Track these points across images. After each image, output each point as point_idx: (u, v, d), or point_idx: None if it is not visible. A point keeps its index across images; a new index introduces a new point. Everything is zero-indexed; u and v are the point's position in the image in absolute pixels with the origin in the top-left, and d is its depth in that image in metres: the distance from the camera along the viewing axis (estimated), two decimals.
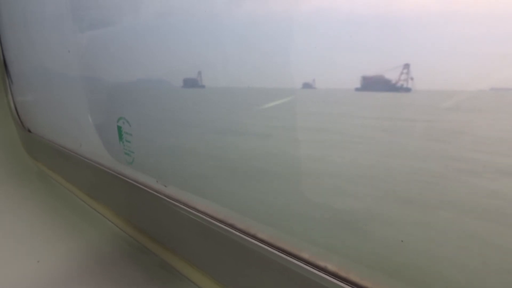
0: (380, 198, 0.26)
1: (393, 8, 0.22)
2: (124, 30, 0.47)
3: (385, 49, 0.23)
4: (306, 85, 0.28)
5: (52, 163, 0.92)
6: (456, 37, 0.20)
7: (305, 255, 0.32)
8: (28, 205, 0.83)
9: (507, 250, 0.21)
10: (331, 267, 0.30)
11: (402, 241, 0.25)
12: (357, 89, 0.25)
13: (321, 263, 0.30)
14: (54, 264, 0.57)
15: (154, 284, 0.51)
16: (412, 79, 0.22)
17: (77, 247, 0.62)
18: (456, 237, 0.23)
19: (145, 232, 0.57)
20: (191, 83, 0.37)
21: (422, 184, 0.23)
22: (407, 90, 0.23)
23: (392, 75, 0.23)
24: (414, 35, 0.22)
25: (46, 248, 0.62)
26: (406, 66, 0.22)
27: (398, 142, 0.24)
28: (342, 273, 0.29)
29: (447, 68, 0.21)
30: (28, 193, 0.90)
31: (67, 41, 0.61)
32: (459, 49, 0.20)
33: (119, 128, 0.52)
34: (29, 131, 0.98)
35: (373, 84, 0.24)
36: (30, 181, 0.98)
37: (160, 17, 0.41)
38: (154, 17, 0.42)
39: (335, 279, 0.29)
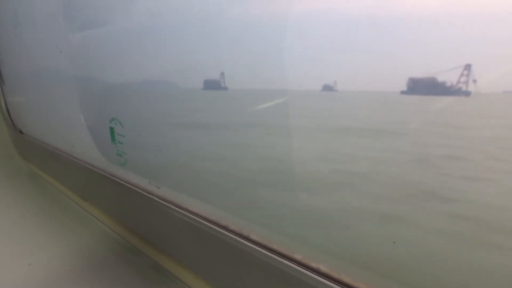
0: None
1: (445, 6, 0.21)
2: (118, 31, 0.47)
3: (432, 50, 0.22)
4: (327, 87, 0.27)
5: (44, 165, 0.91)
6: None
7: (298, 256, 0.32)
8: (19, 206, 0.82)
9: None
10: (323, 268, 0.30)
11: None
12: (403, 92, 0.23)
13: (314, 265, 0.30)
14: (46, 267, 0.56)
15: (146, 286, 0.50)
16: (474, 81, 0.20)
17: (69, 249, 0.61)
18: None
19: (137, 233, 0.57)
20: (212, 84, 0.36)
21: None
22: (467, 93, 0.21)
23: (447, 77, 0.21)
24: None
25: (37, 251, 0.61)
26: (468, 67, 0.20)
27: None
28: (335, 275, 0.29)
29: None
30: (20, 194, 0.89)
31: (59, 41, 0.61)
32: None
33: (112, 129, 0.52)
34: (21, 132, 0.97)
35: (424, 87, 0.22)
36: (21, 182, 0.97)
37: (156, 17, 0.40)
38: (148, 18, 0.41)
39: (328, 280, 0.29)
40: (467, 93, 0.21)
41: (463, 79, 0.20)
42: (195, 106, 0.39)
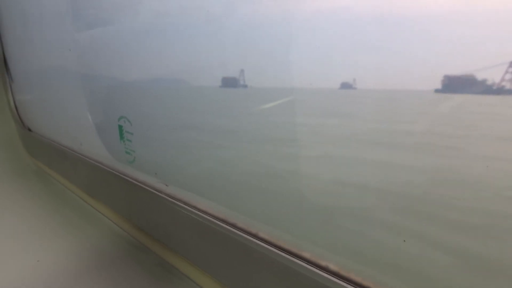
0: None
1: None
2: (126, 29, 0.47)
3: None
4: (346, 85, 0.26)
5: (52, 162, 0.91)
6: None
7: (306, 254, 0.32)
8: (27, 204, 0.83)
9: None
10: (332, 266, 0.30)
11: None
12: (437, 91, 0.22)
13: (322, 263, 0.30)
14: (54, 264, 0.57)
15: (154, 283, 0.50)
16: None
17: (77, 246, 0.62)
18: None
19: (145, 231, 0.57)
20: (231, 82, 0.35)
21: None
22: (511, 92, 0.19)
23: (487, 75, 0.19)
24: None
25: (45, 248, 0.62)
26: None
27: None
28: (343, 273, 0.29)
29: None
30: (28, 192, 0.90)
31: (68, 40, 0.61)
32: None
33: (120, 127, 0.52)
34: (29, 129, 0.98)
35: (461, 85, 0.21)
36: (29, 180, 0.98)
37: (165, 16, 0.41)
38: (154, 17, 0.42)
39: (337, 278, 0.29)
40: (510, 92, 0.19)
41: (507, 76, 0.19)
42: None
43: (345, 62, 0.26)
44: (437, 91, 0.21)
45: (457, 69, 0.21)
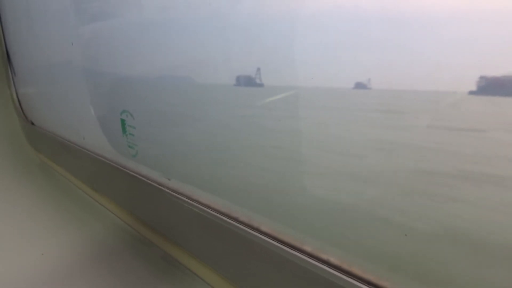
0: None
1: None
2: (129, 23, 0.47)
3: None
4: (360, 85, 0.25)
5: (55, 156, 0.92)
6: None
7: (308, 248, 0.32)
8: (31, 197, 0.83)
9: None
10: (334, 260, 0.30)
11: None
12: (471, 93, 0.20)
13: (324, 256, 0.31)
14: (58, 257, 0.58)
15: (157, 277, 0.51)
16: None
17: (80, 239, 0.63)
18: None
19: (148, 225, 0.58)
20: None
21: None
22: None
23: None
24: None
25: (49, 241, 0.63)
26: None
27: None
28: (345, 266, 0.29)
29: None
30: (31, 185, 0.90)
31: (71, 34, 0.61)
32: None
33: (123, 121, 0.52)
34: (32, 123, 0.98)
35: (502, 87, 0.19)
36: (32, 173, 0.98)
37: (168, 11, 0.40)
38: (160, 11, 0.41)
39: (338, 272, 0.29)
40: None
41: None
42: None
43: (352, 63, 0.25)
44: (471, 93, 0.20)
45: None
